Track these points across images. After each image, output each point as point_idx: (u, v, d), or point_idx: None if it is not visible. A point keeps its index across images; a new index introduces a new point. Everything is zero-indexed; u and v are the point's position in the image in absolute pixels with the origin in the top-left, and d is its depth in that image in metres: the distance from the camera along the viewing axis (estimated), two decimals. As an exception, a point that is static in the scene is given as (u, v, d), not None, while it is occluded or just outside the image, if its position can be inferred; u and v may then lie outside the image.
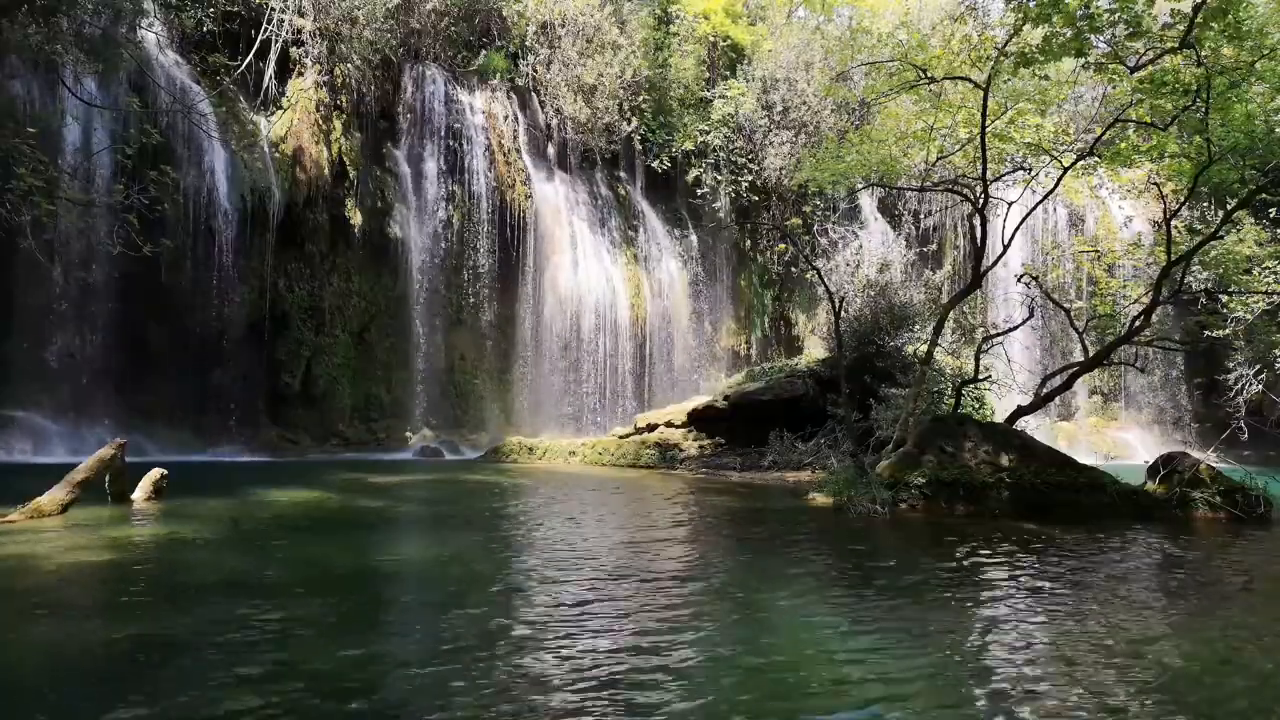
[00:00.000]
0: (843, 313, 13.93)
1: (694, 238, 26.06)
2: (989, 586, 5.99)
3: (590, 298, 23.10)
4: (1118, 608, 5.35)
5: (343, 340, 20.12)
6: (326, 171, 19.70)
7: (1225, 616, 5.25)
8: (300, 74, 19.82)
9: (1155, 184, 14.86)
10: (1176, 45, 9.85)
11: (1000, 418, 13.29)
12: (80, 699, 3.59)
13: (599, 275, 23.41)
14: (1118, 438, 25.59)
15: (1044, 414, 21.34)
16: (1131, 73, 10.50)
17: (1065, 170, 12.41)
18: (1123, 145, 12.11)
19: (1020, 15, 10.05)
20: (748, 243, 27.05)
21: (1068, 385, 13.08)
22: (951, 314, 14.76)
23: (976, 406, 17.13)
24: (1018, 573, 6.51)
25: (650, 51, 25.50)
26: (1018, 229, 12.74)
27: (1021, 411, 11.93)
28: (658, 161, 25.21)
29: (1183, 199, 13.33)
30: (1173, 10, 10.33)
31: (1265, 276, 15.66)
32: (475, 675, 3.80)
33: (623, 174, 25.75)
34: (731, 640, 4.45)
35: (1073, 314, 13.96)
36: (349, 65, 20.20)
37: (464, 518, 9.35)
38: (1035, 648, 4.43)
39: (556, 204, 23.43)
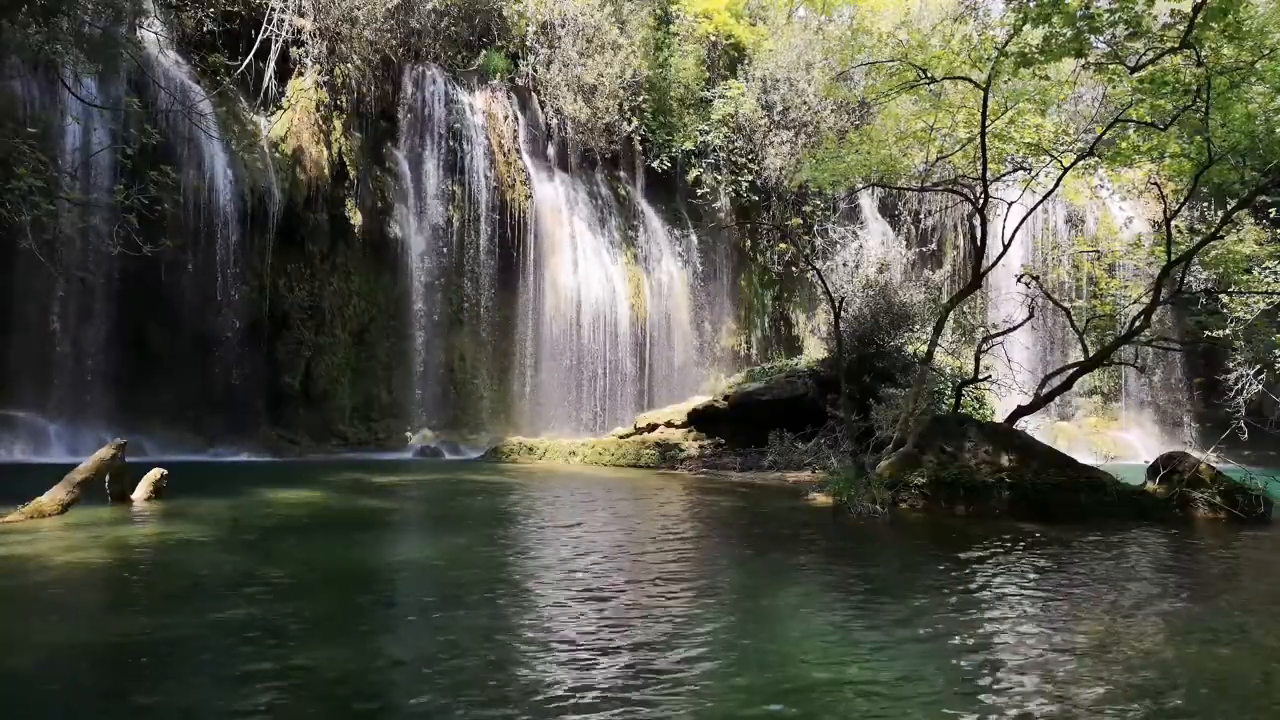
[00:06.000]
0: (843, 313, 13.92)
1: (694, 238, 26.05)
2: (989, 587, 5.99)
3: (590, 298, 23.09)
4: (1118, 608, 5.35)
5: (343, 340, 20.10)
6: (326, 171, 19.68)
7: (1225, 617, 5.25)
8: (300, 74, 19.80)
9: (1155, 184, 14.84)
10: (1176, 45, 9.85)
11: (1000, 418, 13.28)
12: (81, 699, 3.58)
13: (599, 275, 23.40)
14: (1118, 438, 25.58)
15: (1044, 414, 21.33)
16: (1131, 73, 10.49)
17: (1065, 170, 12.39)
18: (1123, 145, 12.10)
19: (1020, 15, 10.05)
20: (748, 243, 27.03)
21: (1068, 385, 13.08)
22: (951, 314, 14.75)
23: (976, 406, 17.12)
24: (1018, 573, 6.51)
25: (650, 51, 25.48)
26: (1018, 229, 12.73)
27: (1021, 411, 11.93)
28: (658, 161, 25.19)
29: (1183, 199, 13.33)
30: (1173, 10, 10.33)
31: (1265, 276, 15.64)
32: (475, 675, 3.80)
33: (623, 174, 25.73)
34: (731, 641, 4.45)
35: (1073, 314, 13.95)
36: (349, 65, 20.19)
37: (464, 518, 9.35)
38: (1035, 648, 4.43)
39: (556, 204, 23.41)
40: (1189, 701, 3.68)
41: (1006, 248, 12.79)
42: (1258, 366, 19.04)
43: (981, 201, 12.24)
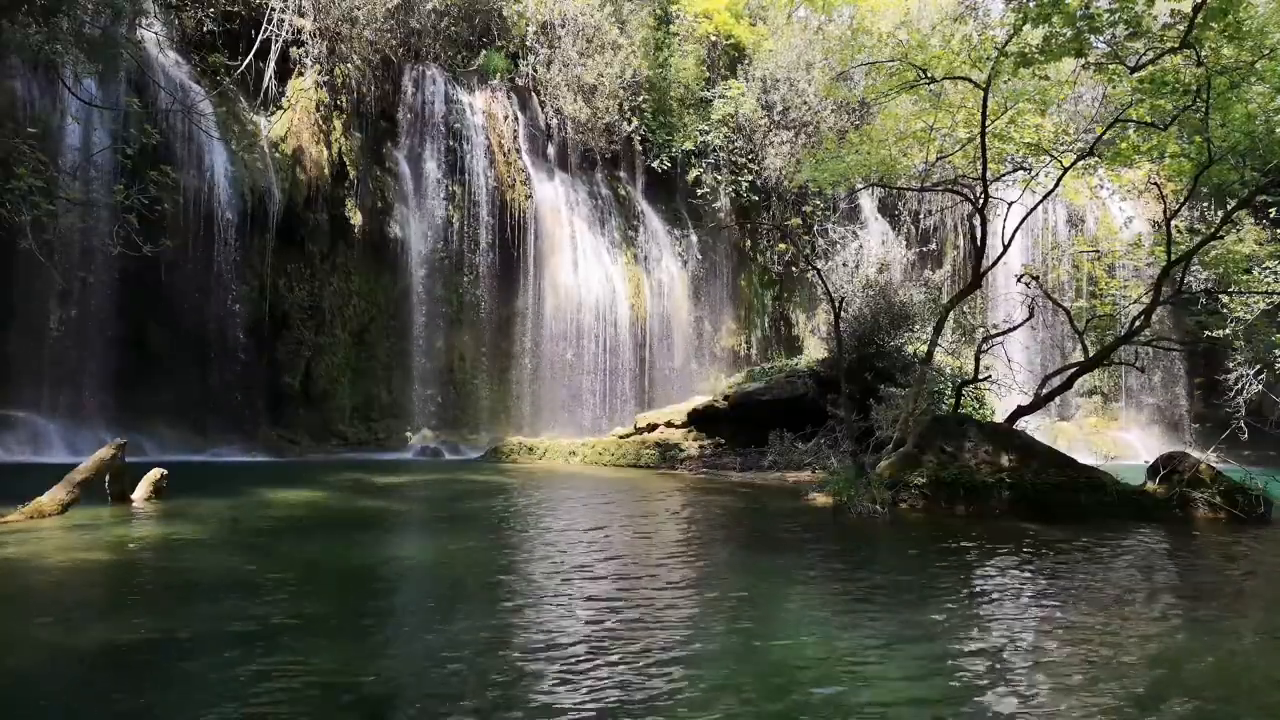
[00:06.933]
0: (843, 313, 13.92)
1: (694, 238, 26.04)
2: (989, 587, 5.99)
3: (590, 298, 23.09)
4: (1117, 608, 5.35)
5: (343, 340, 20.10)
6: (326, 171, 19.68)
7: (1224, 617, 5.25)
8: (300, 74, 19.80)
9: (1155, 184, 14.84)
10: (1176, 45, 9.85)
11: (1000, 418, 13.28)
12: (81, 699, 3.59)
13: (599, 275, 23.40)
14: (1118, 438, 25.57)
15: (1044, 414, 21.32)
16: (1131, 73, 10.49)
17: (1065, 170, 12.39)
18: (1123, 145, 12.10)
19: (1020, 15, 10.05)
20: (748, 243, 27.03)
21: (1068, 385, 13.07)
22: (951, 314, 14.75)
23: (976, 406, 17.11)
24: (1017, 573, 6.51)
25: (650, 51, 25.47)
26: (1018, 229, 12.73)
27: (1021, 411, 11.93)
28: (658, 161, 25.18)
29: (1183, 199, 13.32)
30: (1173, 10, 10.33)
31: (1265, 276, 15.64)
32: (474, 677, 3.80)
33: (623, 174, 25.72)
34: (731, 641, 4.45)
35: (1073, 314, 13.95)
36: (349, 65, 20.19)
37: (464, 518, 9.35)
38: (1034, 649, 4.43)
39: (556, 204, 23.41)
40: (1192, 701, 3.68)
41: (1006, 248, 12.80)
42: (1258, 366, 19.03)
43: (981, 201, 12.24)
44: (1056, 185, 12.92)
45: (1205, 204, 21.96)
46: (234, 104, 18.78)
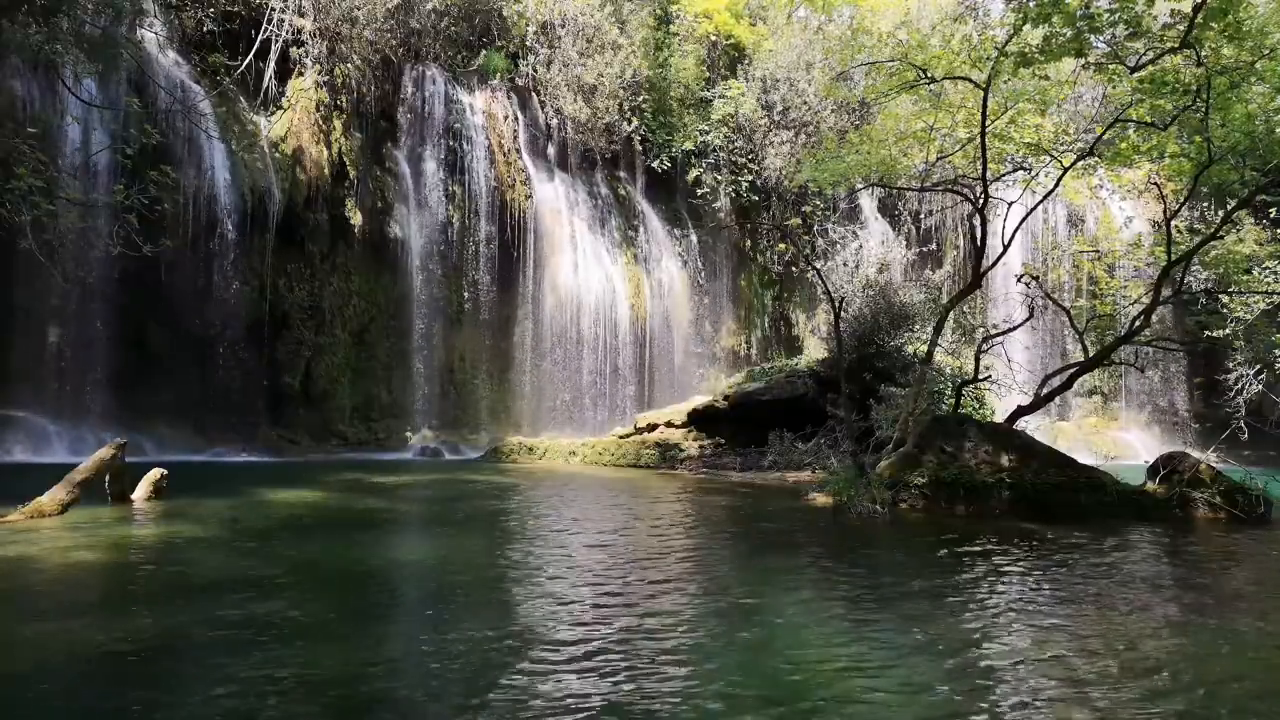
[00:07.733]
0: (843, 313, 13.92)
1: (694, 238, 26.05)
2: (989, 587, 5.99)
3: (590, 298, 23.09)
4: (1116, 609, 5.35)
5: (343, 340, 20.10)
6: (326, 171, 19.68)
7: (1224, 617, 5.25)
8: (300, 74, 19.80)
9: (1155, 184, 14.84)
10: (1176, 45, 9.85)
11: (1000, 418, 13.28)
12: (80, 700, 3.59)
13: (599, 275, 23.40)
14: (1118, 438, 25.57)
15: (1044, 414, 21.32)
16: (1131, 73, 10.50)
17: (1065, 170, 12.40)
18: (1123, 145, 12.10)
19: (1020, 15, 10.05)
20: (748, 243, 27.04)
21: (1068, 385, 13.07)
22: (951, 314, 14.75)
23: (976, 406, 17.10)
24: (1017, 574, 6.51)
25: (650, 51, 25.48)
26: (1018, 229, 12.73)
27: (1021, 411, 11.93)
28: (658, 161, 25.19)
29: (1183, 199, 13.32)
30: (1173, 10, 10.34)
31: (1265, 276, 15.64)
32: (473, 678, 3.80)
33: (623, 174, 25.72)
34: (731, 641, 4.45)
35: (1073, 314, 13.95)
36: (349, 65, 20.19)
37: (464, 518, 9.36)
38: (1033, 649, 4.43)
39: (556, 204, 23.42)
40: (1191, 702, 3.68)
41: (1006, 248, 12.80)
42: (1258, 366, 19.02)
43: (981, 201, 12.24)
44: (1056, 185, 12.93)
45: (1205, 204, 21.96)
46: (234, 104, 18.78)
